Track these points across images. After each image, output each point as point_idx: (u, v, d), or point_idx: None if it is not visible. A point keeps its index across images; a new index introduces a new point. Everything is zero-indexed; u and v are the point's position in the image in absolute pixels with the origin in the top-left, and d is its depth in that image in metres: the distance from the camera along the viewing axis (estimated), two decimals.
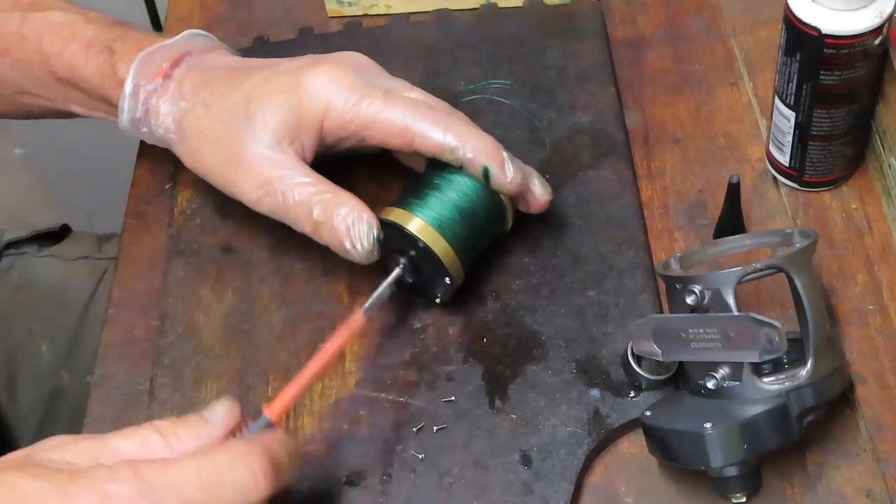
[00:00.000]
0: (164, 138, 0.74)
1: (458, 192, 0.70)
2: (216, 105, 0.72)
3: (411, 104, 0.70)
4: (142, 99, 0.73)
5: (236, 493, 0.55)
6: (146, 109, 0.73)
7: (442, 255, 0.69)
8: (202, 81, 0.73)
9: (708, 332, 0.61)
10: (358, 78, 0.71)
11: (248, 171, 0.70)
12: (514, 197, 0.71)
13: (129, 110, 0.74)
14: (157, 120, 0.73)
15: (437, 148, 0.69)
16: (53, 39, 0.76)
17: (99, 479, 0.53)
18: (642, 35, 0.88)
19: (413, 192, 0.71)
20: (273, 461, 0.56)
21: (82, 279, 0.96)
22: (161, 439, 0.57)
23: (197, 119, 0.72)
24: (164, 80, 0.73)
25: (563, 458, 0.65)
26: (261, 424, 0.61)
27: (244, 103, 0.71)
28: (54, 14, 0.77)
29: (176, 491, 0.53)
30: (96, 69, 0.75)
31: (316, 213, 0.68)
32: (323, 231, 0.68)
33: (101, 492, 0.52)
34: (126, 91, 0.73)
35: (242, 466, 0.55)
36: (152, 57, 0.74)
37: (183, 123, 0.72)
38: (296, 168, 0.69)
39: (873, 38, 0.68)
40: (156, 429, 0.57)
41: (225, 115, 0.71)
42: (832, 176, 0.77)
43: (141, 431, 0.57)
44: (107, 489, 0.52)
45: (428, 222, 0.69)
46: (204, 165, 0.73)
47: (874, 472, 0.65)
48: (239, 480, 0.55)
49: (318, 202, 0.68)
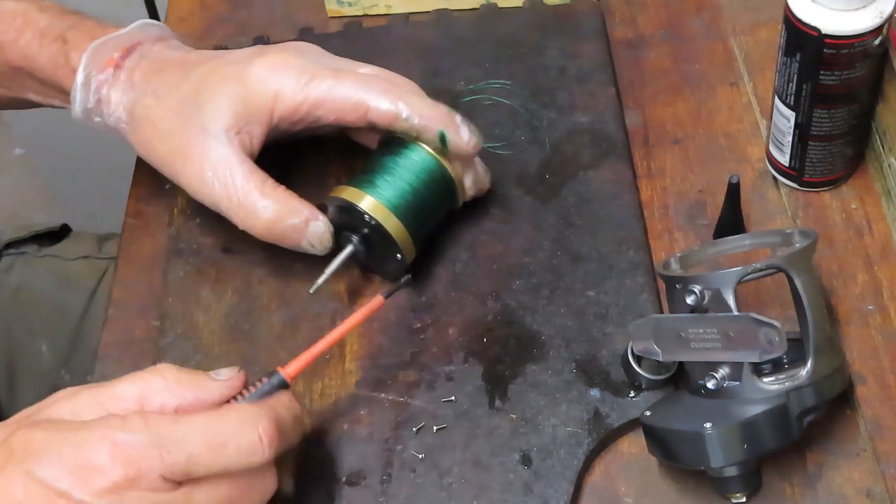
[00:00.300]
0: (116, 127, 0.74)
1: (408, 169, 0.71)
2: (166, 95, 0.72)
3: (362, 78, 0.71)
4: (93, 89, 0.73)
5: (241, 455, 0.56)
6: (98, 99, 0.74)
7: (393, 232, 0.70)
8: (153, 71, 0.73)
9: (708, 332, 0.61)
10: (305, 60, 0.71)
11: (193, 163, 0.71)
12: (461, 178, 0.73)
13: (81, 101, 0.74)
14: (109, 109, 0.73)
15: (391, 118, 0.70)
16: (6, 28, 0.76)
17: (111, 427, 0.55)
18: (642, 35, 0.88)
19: (364, 170, 0.72)
20: (279, 425, 0.58)
21: (82, 279, 0.96)
22: (163, 382, 0.58)
23: (147, 109, 0.72)
24: (116, 69, 0.73)
25: (563, 458, 0.65)
26: (273, 383, 0.62)
27: (194, 93, 0.71)
28: (7, 3, 0.77)
29: (182, 445, 0.55)
30: (50, 58, 0.75)
31: (269, 209, 0.69)
32: (276, 229, 0.70)
33: (112, 440, 0.54)
34: (77, 81, 0.73)
35: (249, 430, 0.57)
36: (104, 47, 0.74)
37: (134, 112, 0.73)
38: (240, 163, 0.70)
39: (873, 38, 0.68)
40: (158, 372, 0.59)
41: (175, 104, 0.72)
42: (832, 176, 0.77)
43: (144, 375, 0.59)
44: (118, 437, 0.54)
45: (379, 200, 0.70)
46: (154, 155, 0.73)
47: (874, 472, 0.65)
48: (244, 444, 0.57)
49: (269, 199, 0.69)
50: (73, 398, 0.58)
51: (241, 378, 0.61)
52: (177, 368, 0.59)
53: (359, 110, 0.70)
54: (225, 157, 0.70)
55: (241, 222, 0.71)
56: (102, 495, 0.53)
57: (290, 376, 0.62)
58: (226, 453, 0.56)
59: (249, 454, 0.57)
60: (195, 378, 0.59)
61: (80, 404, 0.58)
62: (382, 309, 0.72)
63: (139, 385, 0.58)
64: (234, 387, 0.60)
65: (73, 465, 0.54)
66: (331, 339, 0.64)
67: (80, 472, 0.54)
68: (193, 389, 0.59)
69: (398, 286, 0.68)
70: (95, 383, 0.59)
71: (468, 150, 0.71)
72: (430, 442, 0.67)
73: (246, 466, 0.57)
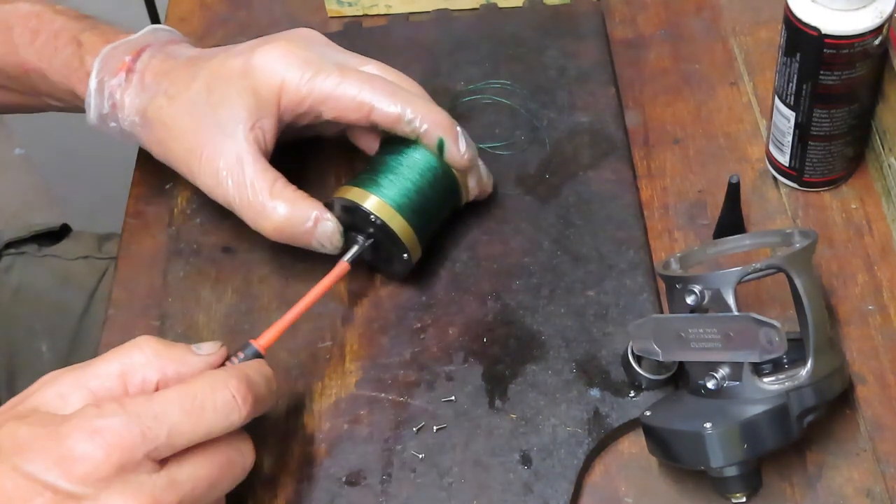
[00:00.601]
0: (131, 131, 0.74)
1: (412, 168, 0.71)
2: (177, 95, 0.72)
3: (367, 77, 0.71)
4: (107, 94, 0.74)
5: (219, 414, 0.58)
6: (112, 104, 0.74)
7: (399, 232, 0.70)
8: (162, 71, 0.73)
9: (708, 332, 0.61)
10: (310, 52, 0.71)
11: (208, 162, 0.71)
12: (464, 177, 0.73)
13: (95, 106, 0.74)
14: (123, 114, 0.74)
15: (393, 119, 0.70)
16: (22, 30, 0.76)
17: (88, 416, 0.55)
18: (642, 35, 0.88)
19: (369, 170, 0.72)
20: (249, 384, 0.59)
21: (82, 279, 0.96)
22: (142, 356, 0.59)
23: (159, 109, 0.72)
24: (128, 73, 0.73)
25: (563, 458, 0.65)
26: (248, 355, 0.63)
27: (205, 92, 0.71)
28: (22, 5, 0.77)
29: (161, 418, 0.56)
30: (64, 60, 0.75)
31: (279, 211, 0.69)
32: (285, 230, 0.70)
33: (90, 427, 0.55)
34: (91, 87, 0.74)
35: (221, 389, 0.58)
36: (115, 51, 0.74)
37: (147, 114, 0.73)
38: (253, 161, 0.70)
39: (873, 38, 0.68)
40: (138, 346, 0.60)
41: (187, 104, 0.72)
42: (832, 176, 0.77)
43: (123, 350, 0.60)
44: (96, 424, 0.55)
45: (384, 200, 0.70)
46: (170, 155, 0.74)
47: (874, 472, 0.65)
48: (220, 403, 0.58)
49: (278, 200, 0.70)
50: (56, 382, 0.59)
51: (222, 354, 0.62)
52: (156, 340, 0.60)
53: (362, 110, 0.70)
54: (239, 155, 0.70)
55: (252, 223, 0.71)
56: (90, 483, 0.54)
57: (262, 347, 0.64)
58: (204, 417, 0.57)
59: (227, 413, 0.58)
60: (175, 351, 0.60)
61: (64, 386, 0.58)
62: (382, 309, 0.73)
63: (119, 361, 0.59)
64: (214, 362, 0.61)
65: (56, 457, 0.54)
66: (300, 309, 0.66)
67: (64, 462, 0.54)
68: (173, 363, 0.60)
69: (360, 249, 0.70)
70: (77, 364, 0.60)
71: (462, 163, 0.72)
72: (430, 442, 0.67)
73: (226, 427, 0.58)
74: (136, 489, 0.55)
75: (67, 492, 0.54)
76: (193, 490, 0.57)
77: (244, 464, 0.60)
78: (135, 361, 0.59)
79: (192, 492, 0.57)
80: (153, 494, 0.55)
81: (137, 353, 0.60)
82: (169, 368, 0.60)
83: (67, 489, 0.54)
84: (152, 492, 0.55)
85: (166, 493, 0.56)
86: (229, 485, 0.60)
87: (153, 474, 0.56)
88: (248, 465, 0.61)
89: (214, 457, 0.58)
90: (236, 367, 0.61)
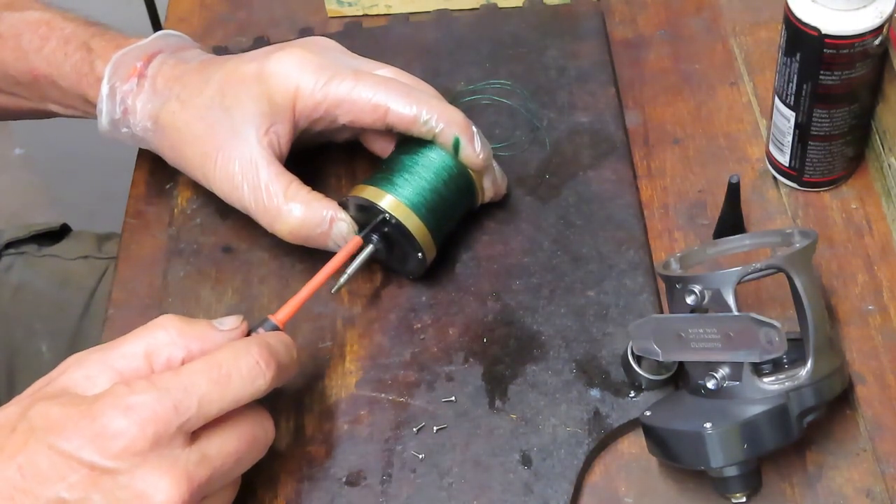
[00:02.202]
0: (143, 137, 0.74)
1: (428, 168, 0.71)
2: (189, 99, 0.72)
3: (382, 80, 0.71)
4: (119, 99, 0.74)
5: (245, 381, 0.59)
6: (124, 109, 0.74)
7: (414, 231, 0.70)
8: (174, 76, 0.74)
9: (708, 332, 0.61)
10: (325, 58, 0.72)
11: (223, 166, 0.71)
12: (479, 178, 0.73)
13: (107, 112, 0.74)
14: (135, 119, 0.74)
15: (409, 121, 0.70)
16: (32, 36, 0.76)
17: (120, 394, 0.56)
18: (642, 35, 0.88)
19: (384, 170, 0.72)
20: (272, 351, 0.60)
21: (82, 279, 0.96)
22: (166, 335, 0.60)
23: (172, 115, 0.73)
24: (140, 79, 0.74)
25: (563, 458, 0.65)
26: (267, 329, 0.64)
27: (219, 96, 0.72)
28: (31, 13, 0.78)
29: (190, 390, 0.57)
30: (74, 66, 0.75)
31: (294, 213, 0.70)
32: (301, 233, 0.70)
33: (123, 404, 0.56)
34: (103, 93, 0.74)
35: (244, 356, 0.59)
36: (126, 57, 0.74)
37: (159, 119, 0.73)
38: (268, 164, 0.70)
39: (873, 38, 0.68)
40: (161, 326, 0.61)
41: (200, 108, 0.72)
42: (832, 176, 0.77)
43: (147, 330, 0.61)
44: (129, 401, 0.56)
45: (400, 199, 0.70)
46: (183, 160, 0.74)
47: (874, 472, 0.65)
48: (244, 370, 0.59)
49: (293, 202, 0.70)
50: (82, 364, 0.60)
51: (243, 328, 0.63)
52: (179, 318, 0.61)
53: (378, 112, 0.70)
54: (253, 158, 0.70)
55: (269, 226, 0.71)
56: (126, 458, 0.55)
57: (281, 322, 0.65)
58: (231, 384, 0.58)
59: (252, 379, 0.59)
60: (198, 328, 0.61)
61: (90, 368, 0.59)
62: (382, 309, 0.73)
63: (144, 341, 0.60)
64: (236, 337, 0.62)
65: (91, 434, 0.55)
66: (315, 284, 0.67)
67: (99, 439, 0.55)
68: (198, 340, 0.61)
69: (374, 224, 0.70)
70: (101, 345, 0.61)
71: (478, 162, 0.72)
72: (430, 442, 0.67)
73: (253, 393, 0.59)
74: (170, 463, 0.56)
75: (103, 468, 0.55)
76: (223, 465, 0.58)
77: (266, 439, 0.62)
78: (159, 340, 0.60)
79: (221, 467, 0.58)
80: (186, 469, 0.56)
81: (161, 332, 0.60)
82: (193, 345, 0.60)
83: (103, 465, 0.55)
84: (186, 466, 0.56)
85: (199, 467, 0.57)
86: (253, 459, 0.61)
87: (186, 448, 0.57)
88: (270, 440, 0.62)
89: (241, 431, 0.59)
90: (256, 336, 0.62)
